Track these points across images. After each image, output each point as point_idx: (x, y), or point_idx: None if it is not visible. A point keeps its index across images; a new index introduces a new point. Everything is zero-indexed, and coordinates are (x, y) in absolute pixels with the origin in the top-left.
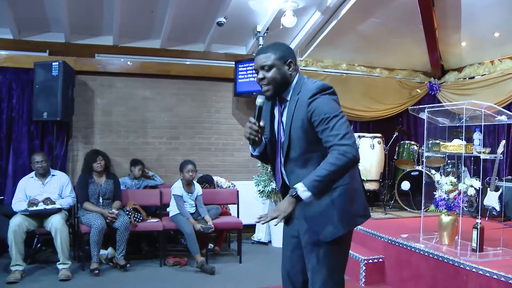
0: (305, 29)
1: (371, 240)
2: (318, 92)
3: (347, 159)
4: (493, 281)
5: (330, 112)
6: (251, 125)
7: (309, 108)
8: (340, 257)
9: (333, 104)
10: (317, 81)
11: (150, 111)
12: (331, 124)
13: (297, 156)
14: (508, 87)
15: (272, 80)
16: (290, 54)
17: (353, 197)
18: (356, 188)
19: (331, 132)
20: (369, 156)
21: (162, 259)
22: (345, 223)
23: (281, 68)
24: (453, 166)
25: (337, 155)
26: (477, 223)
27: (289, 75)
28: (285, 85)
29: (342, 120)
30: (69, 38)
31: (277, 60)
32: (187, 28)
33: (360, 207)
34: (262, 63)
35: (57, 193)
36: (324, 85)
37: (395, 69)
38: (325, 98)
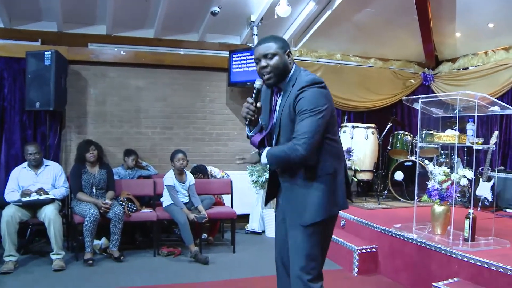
0: (299, 19)
1: (364, 230)
2: (307, 85)
3: (294, 155)
4: (484, 270)
5: (309, 107)
6: (248, 105)
7: (296, 99)
8: (319, 241)
9: (316, 99)
10: (310, 74)
11: (144, 101)
12: (303, 118)
13: (284, 143)
14: (501, 78)
15: (275, 68)
16: (288, 46)
17: (334, 189)
18: (338, 181)
19: (298, 127)
20: (363, 146)
21: (156, 249)
22: (323, 210)
23: (282, 57)
24: (446, 156)
25: (291, 147)
26: (470, 213)
27: (288, 64)
28: (285, 73)
29: (314, 118)
30: (62, 27)
31: (278, 49)
32: (181, 18)
33: (339, 198)
34: (265, 51)
35: (51, 183)
36: (315, 79)
37: (389, 59)
38: (312, 92)
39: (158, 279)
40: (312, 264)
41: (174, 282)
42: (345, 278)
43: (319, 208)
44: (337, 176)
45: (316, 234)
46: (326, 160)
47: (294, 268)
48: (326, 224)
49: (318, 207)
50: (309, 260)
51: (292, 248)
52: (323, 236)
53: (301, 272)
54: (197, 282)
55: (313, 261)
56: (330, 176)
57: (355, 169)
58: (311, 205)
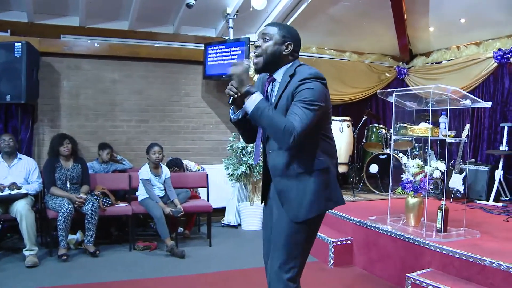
0: (275, 11)
1: (339, 222)
2: (311, 78)
3: (288, 132)
4: (455, 260)
5: (310, 98)
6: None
7: (296, 89)
8: (303, 240)
9: (318, 94)
10: (314, 68)
11: (119, 94)
12: (301, 106)
13: None
14: (473, 72)
15: (265, 51)
16: (294, 39)
17: (327, 184)
18: (331, 176)
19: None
20: (338, 139)
21: (132, 244)
22: (316, 206)
23: (278, 44)
24: (420, 149)
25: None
26: (442, 205)
27: (283, 55)
28: (276, 62)
29: (311, 111)
30: (32, 18)
31: (278, 35)
32: (156, 10)
33: (333, 193)
34: (264, 31)
35: (23, 177)
36: (319, 74)
37: (364, 53)
38: (314, 85)
39: (134, 274)
40: (292, 262)
41: (150, 277)
42: (321, 270)
43: (313, 204)
44: (330, 172)
45: (303, 232)
46: (320, 156)
47: (274, 263)
48: (315, 222)
49: (312, 203)
50: (291, 258)
51: (275, 243)
52: (309, 234)
53: (280, 269)
54: (173, 276)
55: (294, 259)
56: (324, 172)
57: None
58: (305, 201)
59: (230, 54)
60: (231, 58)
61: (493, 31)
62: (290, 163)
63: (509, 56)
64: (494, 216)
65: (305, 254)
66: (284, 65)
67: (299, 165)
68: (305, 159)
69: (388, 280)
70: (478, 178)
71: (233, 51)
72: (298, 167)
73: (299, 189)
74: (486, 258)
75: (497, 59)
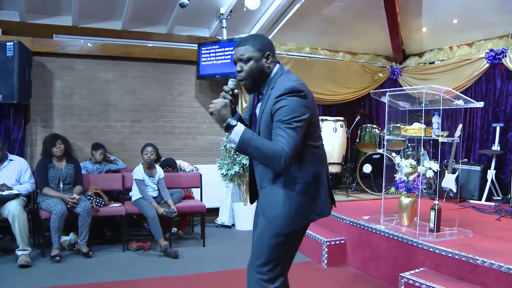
0: (269, 11)
1: (333, 222)
2: (286, 93)
3: (278, 159)
4: (448, 259)
5: (288, 116)
6: (224, 94)
7: (274, 106)
8: (285, 248)
9: (295, 109)
10: (291, 81)
11: (113, 94)
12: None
13: None
14: (465, 73)
15: (249, 73)
16: (269, 47)
17: (314, 196)
18: (318, 189)
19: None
20: (331, 139)
21: (125, 244)
22: (299, 218)
23: (258, 61)
24: (413, 149)
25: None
26: (435, 205)
27: (266, 67)
28: (263, 78)
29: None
30: (25, 17)
31: (254, 52)
32: (150, 9)
33: (319, 205)
34: (240, 55)
35: (15, 178)
36: (295, 87)
37: (358, 53)
38: (290, 101)
39: (127, 274)
40: (270, 265)
41: (143, 277)
42: (314, 270)
43: (297, 217)
44: (318, 182)
45: (285, 242)
46: (307, 168)
47: (252, 262)
48: (299, 231)
49: (296, 216)
50: (268, 261)
51: (256, 243)
52: (291, 243)
53: (257, 271)
54: (167, 277)
55: (272, 262)
56: (310, 184)
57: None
58: (289, 214)
59: (223, 54)
60: (225, 58)
61: (485, 31)
62: (277, 177)
63: (501, 56)
64: (487, 215)
65: (288, 258)
66: (268, 77)
67: (285, 178)
68: (291, 171)
69: (381, 280)
70: (470, 178)
71: (227, 51)
72: (284, 180)
73: (284, 202)
74: (478, 258)
75: (489, 60)
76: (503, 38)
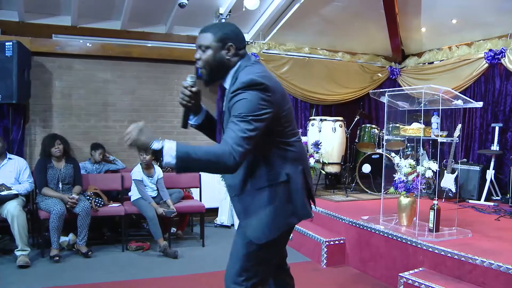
0: (268, 11)
1: (332, 222)
2: (241, 88)
3: (226, 162)
4: (447, 259)
5: (243, 112)
6: (183, 89)
7: (230, 103)
8: (261, 258)
9: (252, 104)
10: (250, 73)
11: (111, 94)
12: (236, 122)
13: None
14: (464, 73)
15: (206, 63)
16: (233, 37)
17: (289, 196)
18: (295, 187)
19: (234, 131)
20: (330, 139)
21: (125, 244)
22: (276, 226)
23: (217, 52)
24: (412, 149)
25: (224, 152)
26: (434, 204)
27: (226, 60)
28: (221, 70)
29: (247, 125)
30: (24, 17)
31: (215, 42)
32: (149, 10)
33: (297, 206)
34: (200, 42)
35: (14, 177)
36: (253, 80)
37: (357, 53)
38: (247, 95)
39: (126, 274)
40: (245, 275)
41: (143, 277)
42: (314, 270)
43: (275, 223)
44: (293, 182)
45: (260, 249)
46: (277, 168)
47: (228, 271)
48: (280, 238)
49: (273, 222)
50: (243, 270)
51: (232, 251)
52: (269, 251)
53: (232, 281)
54: (166, 277)
55: (248, 272)
56: (283, 184)
57: (323, 162)
58: (266, 220)
59: None
60: None
61: (484, 32)
62: (246, 180)
63: (499, 56)
64: (486, 215)
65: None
66: (231, 69)
67: (255, 181)
68: (261, 173)
69: (380, 280)
70: (469, 177)
71: None
72: (255, 184)
73: (258, 207)
74: (477, 257)
75: (488, 60)
76: (502, 38)
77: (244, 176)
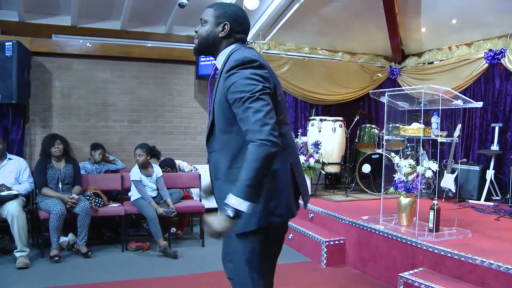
0: (268, 11)
1: (332, 222)
2: (236, 66)
3: (267, 154)
4: (447, 259)
5: (245, 91)
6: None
7: (225, 83)
8: (251, 252)
9: (251, 81)
10: (243, 53)
11: (111, 94)
12: (246, 107)
13: (217, 134)
14: (464, 73)
15: (199, 35)
16: (231, 18)
17: (272, 193)
18: (279, 183)
19: (247, 119)
20: (330, 139)
21: (124, 244)
22: (256, 219)
23: (213, 27)
24: (412, 149)
25: (255, 148)
26: (434, 204)
27: (218, 37)
28: (211, 46)
29: (258, 103)
30: (24, 17)
31: (213, 17)
32: (149, 9)
33: (279, 204)
34: (202, 16)
35: (14, 177)
36: (245, 58)
37: (357, 53)
38: (243, 73)
39: (126, 275)
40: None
41: (143, 277)
42: (314, 270)
43: (251, 217)
44: (278, 178)
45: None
46: None
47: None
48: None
49: (250, 216)
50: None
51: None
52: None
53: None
54: (166, 277)
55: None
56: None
57: (323, 162)
58: None
59: None
60: None
61: (484, 32)
62: (232, 166)
63: (499, 56)
64: (486, 215)
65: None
66: (224, 49)
67: (230, 172)
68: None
69: (380, 280)
70: (469, 177)
71: None
72: (238, 172)
73: None
74: (477, 257)
75: (488, 60)
76: (501, 38)
77: (231, 162)
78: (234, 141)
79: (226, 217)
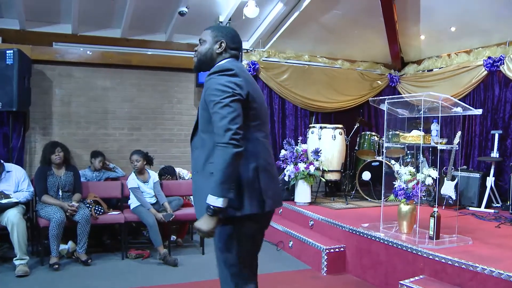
0: (267, 19)
1: (332, 230)
2: (214, 72)
3: (230, 156)
4: (448, 267)
5: (217, 96)
6: None
7: (205, 87)
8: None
9: (223, 87)
10: (224, 63)
11: (111, 102)
12: (215, 111)
13: (199, 133)
14: (463, 80)
15: (199, 53)
16: (226, 36)
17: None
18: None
19: (215, 123)
20: (330, 146)
21: (124, 252)
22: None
23: (211, 45)
24: (412, 156)
25: (219, 151)
26: (434, 212)
27: (215, 53)
28: (209, 61)
29: (225, 109)
30: (24, 25)
31: (211, 36)
32: (149, 18)
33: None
34: (201, 36)
35: (13, 190)
36: (224, 67)
37: (356, 61)
38: (219, 80)
39: (126, 282)
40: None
41: (143, 285)
42: (314, 277)
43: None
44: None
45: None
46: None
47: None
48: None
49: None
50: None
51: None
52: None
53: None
54: (166, 285)
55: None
56: None
57: (323, 169)
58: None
59: None
60: None
61: (483, 39)
62: (207, 161)
63: (498, 64)
64: (486, 222)
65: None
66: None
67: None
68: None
69: (381, 287)
70: (469, 185)
71: None
72: (211, 166)
73: (199, 188)
74: (478, 265)
75: (487, 67)
76: (500, 45)
77: (206, 158)
78: (211, 139)
79: (208, 216)
